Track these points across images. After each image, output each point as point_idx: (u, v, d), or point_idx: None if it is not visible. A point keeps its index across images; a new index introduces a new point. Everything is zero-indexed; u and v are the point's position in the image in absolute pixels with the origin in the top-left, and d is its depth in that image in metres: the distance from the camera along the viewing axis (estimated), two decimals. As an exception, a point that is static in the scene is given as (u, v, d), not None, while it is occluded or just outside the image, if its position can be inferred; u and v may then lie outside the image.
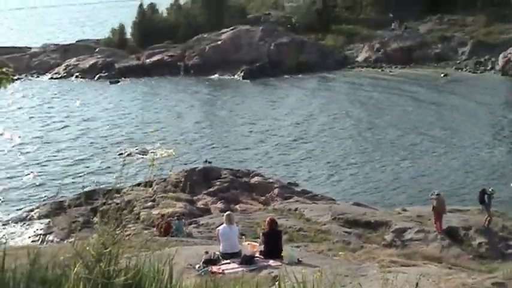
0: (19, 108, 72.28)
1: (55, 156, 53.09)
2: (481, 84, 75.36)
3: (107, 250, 4.16)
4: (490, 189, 28.25)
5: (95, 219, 34.50)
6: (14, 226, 37.10)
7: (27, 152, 54.01)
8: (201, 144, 55.09)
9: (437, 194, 28.77)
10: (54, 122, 65.69)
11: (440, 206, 28.08)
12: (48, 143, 57.23)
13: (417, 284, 11.77)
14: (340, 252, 19.46)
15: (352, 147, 52.67)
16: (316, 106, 68.81)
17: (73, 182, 45.62)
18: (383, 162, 48.34)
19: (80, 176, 47.00)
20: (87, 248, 4.18)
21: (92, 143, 56.66)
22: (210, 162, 46.41)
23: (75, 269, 4.08)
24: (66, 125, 64.18)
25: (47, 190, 44.48)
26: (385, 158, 49.32)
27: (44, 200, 41.40)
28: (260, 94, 76.60)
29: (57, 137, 59.20)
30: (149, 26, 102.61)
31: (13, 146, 55.73)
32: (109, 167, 48.81)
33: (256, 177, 41.50)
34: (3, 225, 37.22)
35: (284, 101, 72.00)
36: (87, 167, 49.63)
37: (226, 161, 48.82)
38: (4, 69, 8.83)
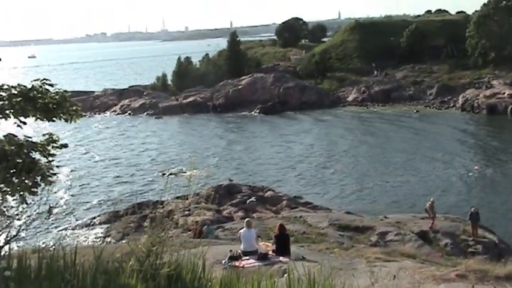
0: (88, 137, 72.82)
1: (111, 173, 53.33)
2: (444, 118, 75.16)
3: (154, 248, 4.19)
4: (472, 209, 27.78)
5: (145, 225, 34.55)
6: (80, 230, 37.26)
7: (91, 172, 54.31)
8: (225, 166, 55.09)
9: (432, 202, 28.87)
10: (112, 148, 66.09)
11: (429, 210, 28.39)
12: (107, 163, 57.53)
13: (394, 276, 11.69)
14: (336, 250, 19.35)
15: (344, 168, 52.51)
16: (316, 135, 68.85)
17: (125, 196, 45.79)
18: (368, 180, 48.14)
19: (131, 191, 47.17)
20: (140, 246, 4.22)
21: (140, 164, 56.83)
22: (231, 180, 46.37)
23: (130, 263, 4.11)
24: (122, 151, 64.53)
25: (105, 202, 44.64)
26: (370, 177, 49.12)
27: (104, 210, 41.55)
28: (271, 126, 76.68)
29: (113, 160, 59.48)
30: (185, 74, 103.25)
31: (80, 168, 56.04)
32: (154, 184, 48.88)
33: (269, 192, 41.43)
34: (72, 229, 37.37)
35: (291, 131, 72.00)
36: (137, 184, 49.74)
37: (246, 179, 48.77)
38: (74, 108, 8.96)
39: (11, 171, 7.37)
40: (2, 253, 4.27)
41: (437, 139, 62.74)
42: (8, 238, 4.40)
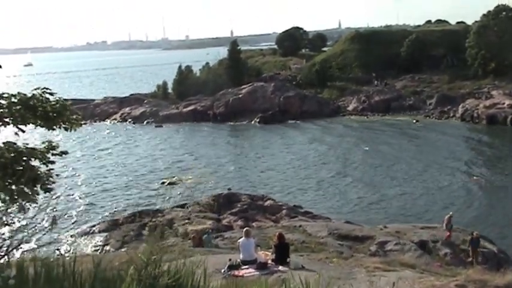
0: (88, 145, 72.82)
1: (110, 182, 53.26)
2: (444, 128, 75.18)
3: (154, 257, 4.18)
4: (474, 233, 27.49)
5: (144, 233, 34.55)
6: (80, 238, 37.18)
7: (92, 180, 54.24)
8: (225, 175, 55.03)
9: (450, 215, 28.71)
10: (111, 156, 66.08)
11: (447, 223, 28.27)
12: (106, 171, 57.48)
13: (394, 284, 11.67)
14: (335, 259, 19.31)
15: (343, 177, 52.48)
16: (315, 144, 68.76)
17: (125, 204, 45.74)
18: (368, 189, 48.12)
19: (131, 199, 47.12)
20: (139, 255, 4.21)
21: (140, 173, 56.79)
22: (229, 189, 46.28)
23: (129, 272, 4.10)
24: (122, 159, 64.50)
25: (105, 210, 44.59)
26: (369, 186, 49.09)
27: (103, 218, 41.50)
28: (272, 135, 76.64)
29: (112, 168, 59.44)
30: (186, 83, 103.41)
31: (81, 176, 55.97)
32: (154, 193, 48.83)
33: (268, 201, 41.37)
34: (71, 237, 37.30)
35: (291, 140, 72.05)
36: (137, 192, 49.68)
37: (246, 188, 48.71)
38: (74, 116, 8.97)
39: (10, 179, 7.36)
40: (2, 261, 4.26)
41: (437, 149, 62.74)
42: (10, 249, 4.40)
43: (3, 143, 7.88)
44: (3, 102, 7.91)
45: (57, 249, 33.20)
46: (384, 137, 70.88)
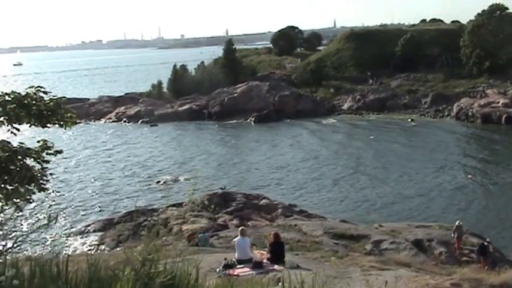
0: (83, 145, 72.63)
1: (105, 181, 53.13)
2: (439, 127, 75.28)
3: (150, 256, 4.15)
4: (487, 239, 27.10)
5: (139, 232, 34.50)
6: (75, 237, 37.10)
7: (87, 180, 54.10)
8: (221, 174, 54.95)
9: (457, 225, 28.26)
10: (107, 155, 65.91)
11: (457, 231, 27.69)
12: (101, 171, 57.35)
13: (386, 282, 11.66)
14: (333, 258, 19.30)
15: (338, 177, 52.47)
16: (310, 143, 68.74)
17: (120, 203, 45.62)
18: (363, 188, 48.13)
19: (126, 198, 47.01)
20: (135, 254, 4.18)
21: (135, 172, 56.67)
22: (223, 188, 46.23)
23: (125, 271, 4.07)
24: (117, 158, 64.35)
25: (100, 209, 44.47)
26: (365, 185, 49.12)
27: (98, 217, 41.40)
28: (266, 134, 76.61)
29: (109, 168, 59.30)
30: (181, 82, 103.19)
31: (76, 175, 55.84)
32: (149, 192, 48.77)
33: (264, 200, 41.36)
34: (67, 237, 37.20)
35: (285, 139, 71.98)
36: (132, 192, 49.55)
37: (241, 187, 48.66)
38: (68, 114, 8.94)
39: (5, 178, 7.31)
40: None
41: (432, 148, 62.78)
42: (4, 250, 4.35)
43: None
44: (-3, 101, 7.87)
45: (52, 249, 33.11)
46: (379, 136, 70.86)
